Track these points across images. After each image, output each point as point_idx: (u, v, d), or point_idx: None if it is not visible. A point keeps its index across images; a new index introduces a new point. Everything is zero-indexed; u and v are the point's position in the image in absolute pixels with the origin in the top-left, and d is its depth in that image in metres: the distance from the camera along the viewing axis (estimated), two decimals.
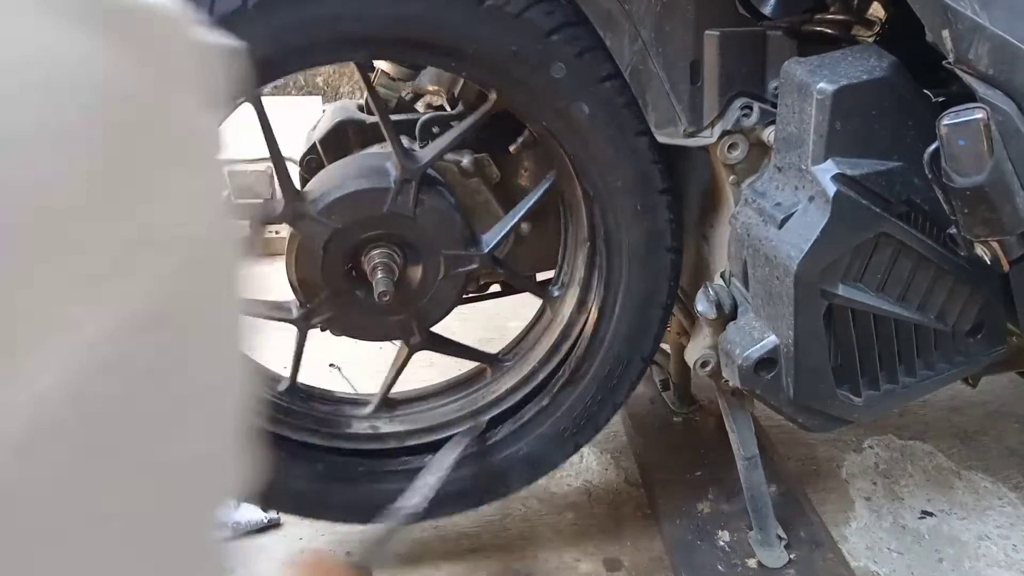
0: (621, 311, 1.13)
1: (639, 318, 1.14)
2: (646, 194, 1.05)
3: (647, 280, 1.11)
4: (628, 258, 1.09)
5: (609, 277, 1.12)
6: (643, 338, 1.16)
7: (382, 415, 1.24)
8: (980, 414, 1.63)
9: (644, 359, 1.18)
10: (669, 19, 0.93)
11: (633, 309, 1.13)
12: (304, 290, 1.10)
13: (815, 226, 0.86)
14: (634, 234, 1.08)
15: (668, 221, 1.08)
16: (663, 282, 1.12)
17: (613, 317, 1.14)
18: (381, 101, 1.04)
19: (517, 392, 1.25)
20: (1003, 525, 1.35)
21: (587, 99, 0.98)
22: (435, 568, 1.28)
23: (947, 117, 0.75)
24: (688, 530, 1.27)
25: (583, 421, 1.20)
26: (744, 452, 1.20)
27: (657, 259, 1.10)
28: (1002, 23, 0.74)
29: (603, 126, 1.00)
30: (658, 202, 1.06)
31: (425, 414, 1.26)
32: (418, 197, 1.06)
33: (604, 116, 0.99)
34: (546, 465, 1.24)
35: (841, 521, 1.35)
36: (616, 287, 1.12)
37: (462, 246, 1.11)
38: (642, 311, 1.14)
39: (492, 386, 1.26)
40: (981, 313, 0.97)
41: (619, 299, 1.13)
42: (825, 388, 0.97)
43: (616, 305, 1.13)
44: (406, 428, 1.24)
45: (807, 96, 0.85)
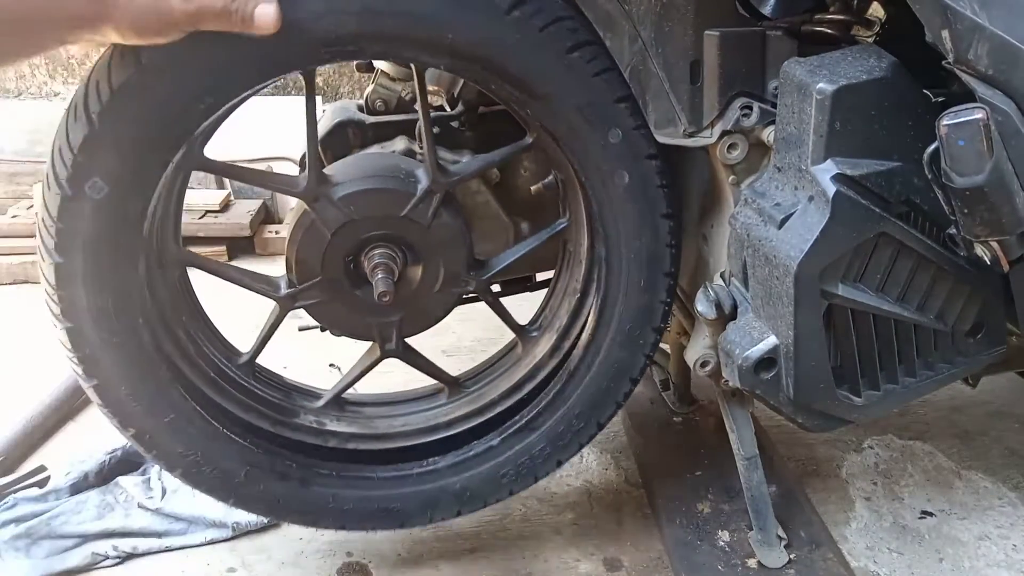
0: (594, 375, 1.15)
1: (608, 386, 1.16)
2: (652, 272, 1.08)
3: (626, 352, 1.14)
4: (616, 329, 1.12)
5: (592, 340, 1.14)
6: (605, 405, 1.18)
7: (331, 412, 1.22)
8: (980, 414, 1.63)
9: (600, 425, 1.19)
10: (669, 19, 0.93)
11: (605, 376, 1.15)
12: (299, 270, 1.08)
13: (815, 226, 0.86)
14: (628, 306, 1.10)
15: (662, 302, 1.11)
16: (640, 356, 1.15)
17: (584, 378, 1.15)
18: (428, 108, 1.04)
19: (470, 420, 1.23)
20: (1003, 525, 1.35)
21: (630, 170, 1.02)
22: (435, 568, 1.28)
23: (947, 117, 0.75)
24: (688, 530, 1.27)
25: (524, 471, 1.20)
26: (744, 452, 1.20)
27: (642, 336, 1.13)
28: (1002, 23, 0.74)
29: (635, 198, 1.04)
30: (660, 282, 1.10)
31: (374, 420, 1.24)
32: (438, 210, 1.06)
33: (639, 189, 1.03)
34: (473, 504, 1.21)
35: (841, 521, 1.35)
36: (596, 352, 1.14)
37: (463, 268, 1.12)
38: (613, 380, 1.15)
39: (447, 408, 1.25)
40: (981, 313, 0.97)
41: (595, 364, 1.15)
42: (825, 388, 0.97)
43: (591, 368, 1.15)
44: (351, 430, 1.22)
45: (807, 96, 0.85)
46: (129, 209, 0.93)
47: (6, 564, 1.25)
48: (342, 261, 1.08)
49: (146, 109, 0.88)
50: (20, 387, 1.71)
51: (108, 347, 0.99)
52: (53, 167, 0.91)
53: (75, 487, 1.37)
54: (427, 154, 1.04)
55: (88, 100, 0.88)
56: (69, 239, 0.92)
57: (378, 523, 1.20)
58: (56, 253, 0.93)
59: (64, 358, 1.00)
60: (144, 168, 0.92)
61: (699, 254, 1.17)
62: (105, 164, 0.89)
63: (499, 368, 1.27)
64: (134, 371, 1.01)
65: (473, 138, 1.19)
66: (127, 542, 1.31)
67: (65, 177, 0.89)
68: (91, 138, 0.88)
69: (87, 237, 0.93)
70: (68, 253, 0.93)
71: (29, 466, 1.49)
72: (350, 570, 1.27)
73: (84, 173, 0.89)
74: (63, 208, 0.91)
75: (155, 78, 0.86)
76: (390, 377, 1.30)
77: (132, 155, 0.90)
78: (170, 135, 0.91)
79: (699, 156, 1.07)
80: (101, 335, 0.98)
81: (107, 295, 0.96)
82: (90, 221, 0.92)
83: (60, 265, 0.93)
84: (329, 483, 1.16)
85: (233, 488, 1.12)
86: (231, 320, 1.31)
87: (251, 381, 1.18)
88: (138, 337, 1.01)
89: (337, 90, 2.93)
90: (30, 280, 2.27)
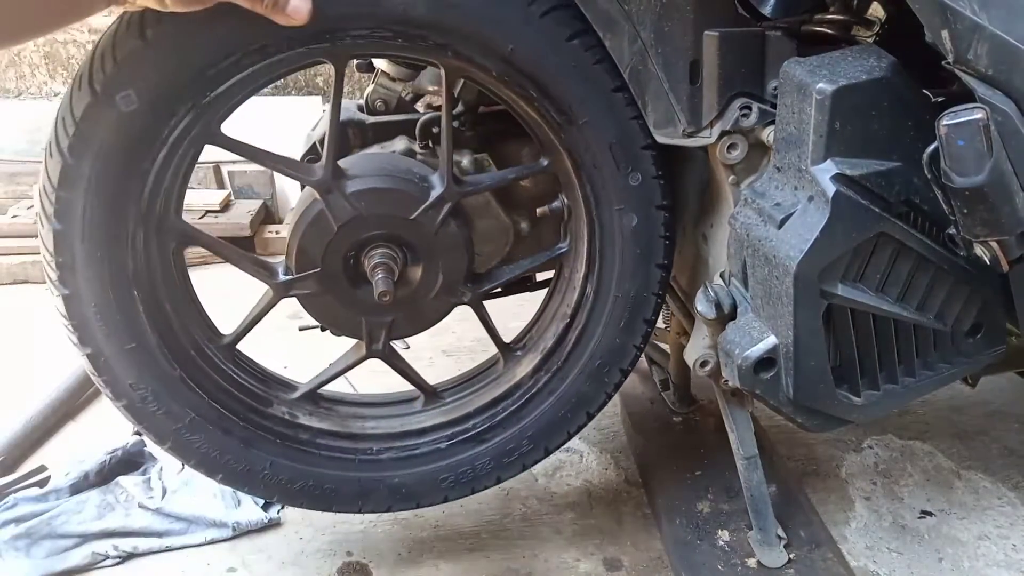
0: (554, 402, 1.18)
1: (565, 415, 1.19)
2: (633, 316, 1.12)
3: (590, 386, 1.18)
4: (586, 362, 1.16)
5: (561, 367, 1.17)
6: (557, 433, 1.20)
7: (305, 406, 1.21)
8: (980, 414, 1.63)
9: (547, 451, 1.22)
10: (669, 19, 0.93)
11: (564, 405, 1.18)
12: (299, 259, 1.08)
13: (815, 226, 0.86)
14: (604, 342, 1.13)
15: (635, 346, 1.15)
16: (601, 393, 1.19)
17: (544, 403, 1.18)
18: (450, 114, 1.05)
19: (442, 431, 1.23)
20: (1003, 525, 1.35)
21: (641, 215, 1.06)
22: (435, 568, 1.28)
23: (946, 117, 0.75)
24: (688, 530, 1.27)
25: (464, 481, 1.22)
26: (744, 452, 1.20)
27: (609, 374, 1.17)
28: (1001, 23, 0.74)
29: (638, 241, 1.08)
30: (639, 329, 1.14)
31: (346, 419, 1.23)
32: (446, 217, 1.07)
33: (644, 235, 1.07)
34: (406, 503, 1.22)
35: (841, 521, 1.35)
36: (561, 380, 1.17)
37: (461, 279, 1.12)
38: (571, 410, 1.19)
39: (420, 416, 1.24)
40: (981, 313, 0.98)
41: (557, 391, 1.18)
42: (824, 388, 0.97)
43: (552, 394, 1.18)
44: (322, 426, 1.21)
45: (806, 96, 0.85)
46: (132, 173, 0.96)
47: (6, 564, 1.25)
48: (344, 256, 1.08)
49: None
50: (20, 387, 1.71)
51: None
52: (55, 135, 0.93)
53: (75, 487, 1.37)
54: (445, 162, 1.04)
55: (93, 71, 0.90)
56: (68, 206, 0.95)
57: (307, 501, 1.20)
58: (55, 220, 0.94)
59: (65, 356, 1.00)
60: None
61: (699, 254, 1.17)
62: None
63: (478, 382, 1.27)
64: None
65: (473, 138, 1.19)
66: (127, 542, 1.31)
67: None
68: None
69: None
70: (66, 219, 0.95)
71: (29, 466, 1.49)
72: (350, 570, 1.27)
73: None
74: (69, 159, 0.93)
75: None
76: (390, 377, 1.30)
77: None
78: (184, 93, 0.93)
79: (699, 156, 1.07)
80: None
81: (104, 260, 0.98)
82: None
83: (59, 231, 0.95)
84: (270, 449, 1.16)
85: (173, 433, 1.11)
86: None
87: (229, 365, 1.17)
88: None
89: None
90: (30, 280, 2.27)
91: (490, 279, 1.17)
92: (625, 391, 1.59)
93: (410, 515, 1.37)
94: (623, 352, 1.15)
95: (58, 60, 2.78)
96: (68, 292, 1.00)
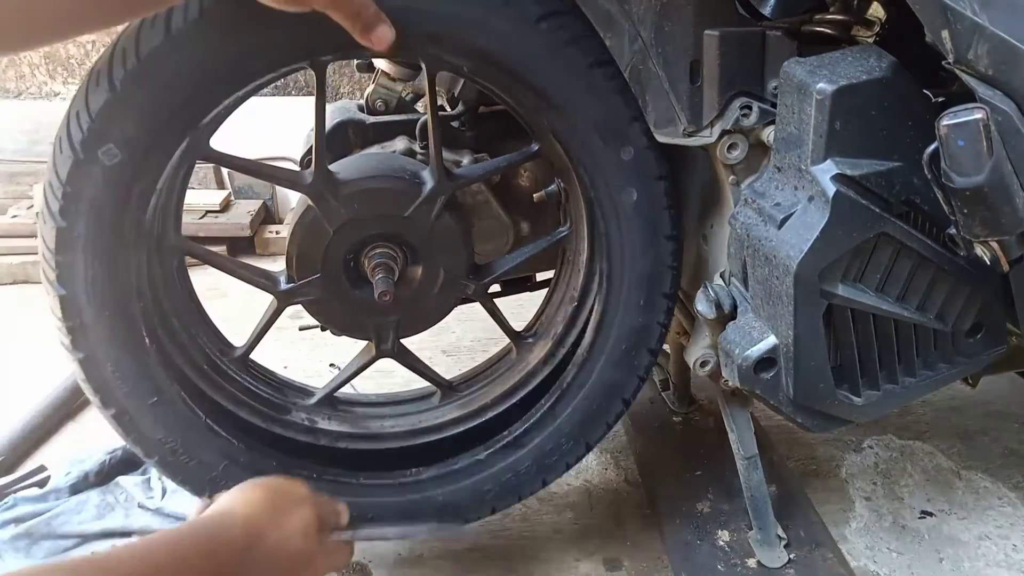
0: (586, 394, 1.15)
1: (601, 406, 1.15)
2: (651, 293, 1.09)
3: (619, 373, 1.14)
4: (609, 351, 1.12)
5: (587, 358, 1.14)
6: (594, 427, 1.17)
7: (323, 411, 1.21)
8: (980, 414, 1.63)
9: (588, 446, 1.19)
10: (669, 19, 0.93)
11: (600, 396, 1.15)
12: (299, 266, 1.08)
13: (815, 226, 0.86)
14: (623, 327, 1.10)
15: (659, 324, 1.11)
16: (633, 379, 1.15)
17: (576, 398, 1.15)
18: (436, 109, 1.04)
19: (460, 425, 1.23)
20: (1003, 525, 1.35)
21: (640, 189, 1.02)
22: (435, 568, 1.28)
23: (947, 117, 0.75)
24: (688, 530, 1.27)
25: (509, 490, 1.19)
26: (744, 452, 1.20)
27: (638, 356, 1.13)
28: (1002, 23, 0.74)
29: (642, 217, 1.04)
30: (659, 305, 1.10)
31: (364, 420, 1.23)
32: (441, 212, 1.06)
33: (646, 209, 1.04)
34: (453, 518, 1.18)
35: (841, 521, 1.35)
36: (589, 372, 1.14)
37: (463, 272, 1.12)
38: (605, 399, 1.15)
39: (437, 411, 1.24)
40: (981, 313, 0.97)
41: (586, 386, 1.14)
42: (825, 388, 0.97)
43: (582, 390, 1.15)
44: (342, 429, 1.21)
45: (807, 96, 0.85)
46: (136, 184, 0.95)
47: (6, 564, 1.25)
48: (343, 259, 1.08)
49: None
50: (20, 387, 1.71)
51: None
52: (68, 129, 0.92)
53: (75, 487, 1.37)
54: (434, 157, 1.04)
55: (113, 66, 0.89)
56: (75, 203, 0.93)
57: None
58: (60, 217, 0.93)
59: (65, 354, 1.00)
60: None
61: (699, 254, 1.17)
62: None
63: (492, 373, 1.27)
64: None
65: (473, 138, 1.19)
66: (127, 542, 1.31)
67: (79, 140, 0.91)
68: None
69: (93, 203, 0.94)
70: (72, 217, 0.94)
71: (29, 466, 1.49)
72: (350, 569, 1.27)
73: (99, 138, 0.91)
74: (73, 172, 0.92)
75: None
76: (392, 377, 1.30)
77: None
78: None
79: (699, 156, 1.07)
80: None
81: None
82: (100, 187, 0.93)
83: (62, 229, 0.94)
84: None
85: (209, 482, 1.10)
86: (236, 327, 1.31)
87: (244, 376, 1.18)
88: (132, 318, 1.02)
89: (337, 90, 2.93)
90: (30, 280, 2.27)
91: (491, 271, 1.16)
92: None
93: None
94: (648, 332, 1.12)
95: (58, 60, 2.78)
96: (83, 355, 1.00)
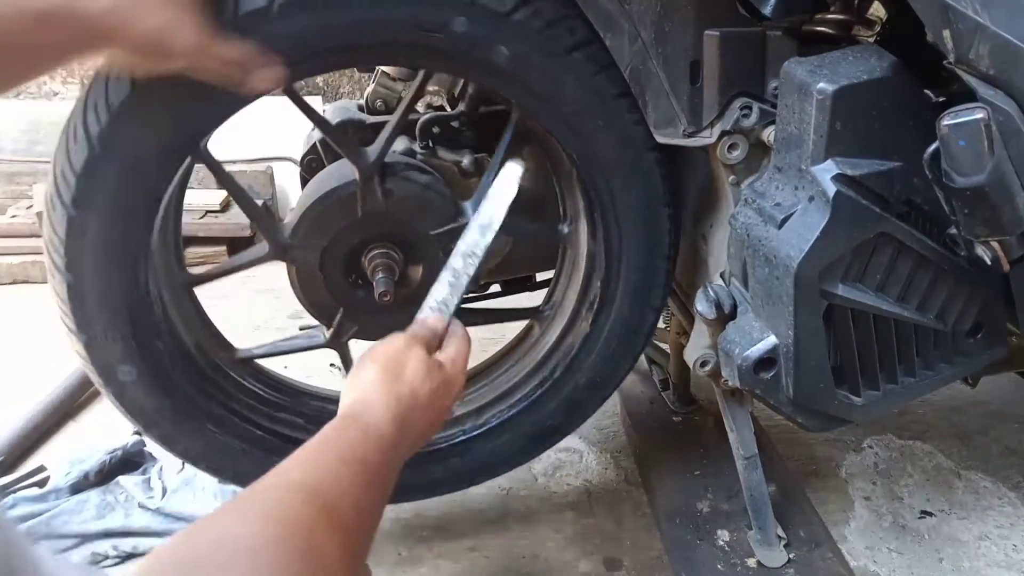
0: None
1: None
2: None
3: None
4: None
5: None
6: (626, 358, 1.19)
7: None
8: (980, 414, 1.63)
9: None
10: (669, 19, 0.93)
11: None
12: (321, 312, 1.12)
13: (815, 226, 0.86)
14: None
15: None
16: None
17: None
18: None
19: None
20: (1003, 525, 1.35)
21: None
22: (435, 568, 1.28)
23: (947, 117, 0.75)
24: (688, 530, 1.27)
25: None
26: (744, 452, 1.20)
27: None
28: (1002, 23, 0.74)
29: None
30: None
31: None
32: (385, 189, 1.05)
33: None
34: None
35: (841, 521, 1.35)
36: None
37: (450, 219, 1.10)
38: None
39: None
40: (981, 313, 0.97)
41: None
42: (825, 388, 0.97)
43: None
44: None
45: (807, 96, 0.84)
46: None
47: None
48: (348, 283, 1.11)
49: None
50: (20, 387, 1.71)
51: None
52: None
53: (75, 487, 1.37)
54: (339, 148, 1.04)
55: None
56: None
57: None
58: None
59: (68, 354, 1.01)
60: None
61: (699, 254, 1.17)
62: None
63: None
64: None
65: (473, 138, 1.19)
66: (127, 542, 1.31)
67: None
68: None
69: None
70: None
71: (29, 466, 1.49)
72: None
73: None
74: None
75: None
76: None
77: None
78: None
79: (699, 156, 1.07)
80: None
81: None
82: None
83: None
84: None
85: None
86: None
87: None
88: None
89: (337, 90, 2.93)
90: (30, 280, 2.27)
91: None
92: (625, 391, 1.59)
93: (410, 515, 1.37)
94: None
95: None
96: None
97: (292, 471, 0.61)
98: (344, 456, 0.64)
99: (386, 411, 0.71)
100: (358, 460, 0.64)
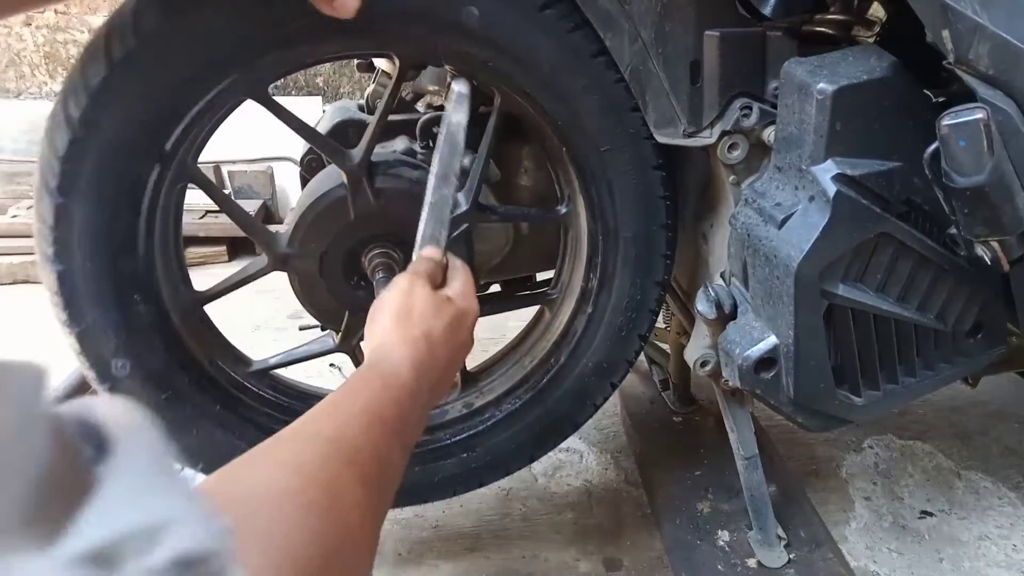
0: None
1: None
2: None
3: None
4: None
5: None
6: (629, 344, 1.18)
7: None
8: (980, 414, 1.63)
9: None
10: (669, 19, 0.93)
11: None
12: (328, 317, 1.12)
13: (815, 226, 0.86)
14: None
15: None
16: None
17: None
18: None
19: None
20: (1003, 525, 1.35)
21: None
22: (435, 568, 1.28)
23: (947, 117, 0.75)
24: (688, 530, 1.27)
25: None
26: (744, 452, 1.20)
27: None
28: (1002, 23, 0.74)
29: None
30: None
31: None
32: (376, 189, 1.05)
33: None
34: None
35: (841, 521, 1.35)
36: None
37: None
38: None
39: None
40: (981, 313, 0.98)
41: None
42: (825, 388, 0.97)
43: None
44: None
45: (807, 96, 0.85)
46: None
47: None
48: (350, 287, 1.11)
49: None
50: None
51: None
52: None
53: None
54: (320, 150, 1.05)
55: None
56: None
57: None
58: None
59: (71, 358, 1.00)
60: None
61: (699, 254, 1.17)
62: None
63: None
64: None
65: (471, 138, 1.19)
66: None
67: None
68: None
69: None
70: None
71: None
72: None
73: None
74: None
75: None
76: None
77: None
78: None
79: (699, 156, 1.07)
80: None
81: None
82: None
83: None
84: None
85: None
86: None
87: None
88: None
89: (337, 90, 2.93)
90: (30, 280, 2.27)
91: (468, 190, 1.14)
92: (625, 391, 1.59)
93: (410, 515, 1.37)
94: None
95: (58, 60, 2.78)
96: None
97: (317, 422, 0.61)
98: (367, 408, 0.64)
99: (403, 357, 0.72)
100: (380, 411, 0.65)
